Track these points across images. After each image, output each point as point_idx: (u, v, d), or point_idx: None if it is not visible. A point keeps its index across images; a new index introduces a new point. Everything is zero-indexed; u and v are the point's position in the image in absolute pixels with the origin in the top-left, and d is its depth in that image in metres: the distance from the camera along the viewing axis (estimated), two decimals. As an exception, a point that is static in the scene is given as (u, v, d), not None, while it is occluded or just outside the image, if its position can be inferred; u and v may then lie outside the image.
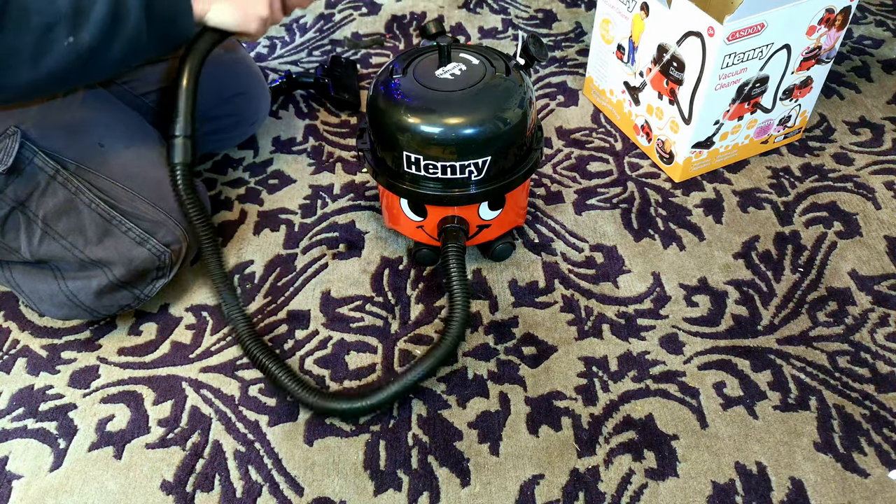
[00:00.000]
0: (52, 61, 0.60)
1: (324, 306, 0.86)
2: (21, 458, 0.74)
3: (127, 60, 0.66)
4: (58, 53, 0.60)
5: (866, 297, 0.85)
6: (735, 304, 0.85)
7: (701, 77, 0.88)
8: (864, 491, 0.68)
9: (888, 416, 0.74)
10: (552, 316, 0.84)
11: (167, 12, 0.66)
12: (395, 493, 0.70)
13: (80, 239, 0.75)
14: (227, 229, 0.96)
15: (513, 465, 0.71)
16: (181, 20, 0.68)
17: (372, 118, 0.79)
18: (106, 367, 0.81)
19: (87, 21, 0.60)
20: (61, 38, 0.59)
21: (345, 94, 1.12)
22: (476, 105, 0.74)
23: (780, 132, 1.02)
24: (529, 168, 0.80)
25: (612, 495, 0.69)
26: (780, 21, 0.85)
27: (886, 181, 0.99)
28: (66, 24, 0.59)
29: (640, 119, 1.02)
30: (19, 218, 0.73)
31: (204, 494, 0.70)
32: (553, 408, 0.76)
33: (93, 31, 0.60)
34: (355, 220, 0.97)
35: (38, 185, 0.72)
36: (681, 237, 0.92)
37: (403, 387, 0.72)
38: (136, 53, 0.66)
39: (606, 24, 1.02)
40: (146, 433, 0.75)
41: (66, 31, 0.59)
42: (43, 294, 0.78)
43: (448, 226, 0.81)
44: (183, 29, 0.68)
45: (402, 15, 1.35)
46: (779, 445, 0.72)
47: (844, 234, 0.92)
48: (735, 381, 0.77)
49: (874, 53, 1.21)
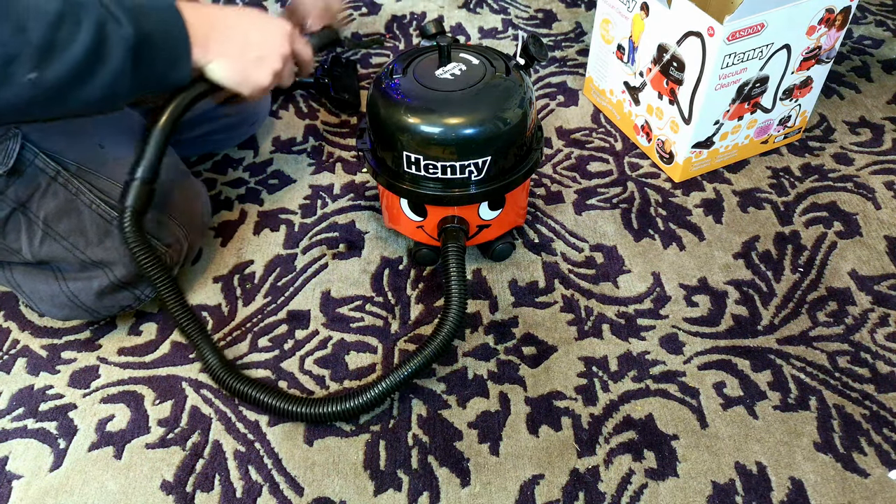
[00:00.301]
0: (9, 94, 0.57)
1: (324, 306, 0.86)
2: (21, 458, 0.74)
3: (103, 103, 0.63)
4: (16, 87, 0.56)
5: (866, 297, 0.85)
6: (735, 304, 0.85)
7: (701, 77, 0.88)
8: (864, 491, 0.68)
9: (888, 416, 0.74)
10: (552, 316, 0.84)
11: (161, 59, 0.63)
12: (395, 493, 0.70)
13: (80, 240, 0.75)
14: (227, 229, 0.96)
15: (513, 465, 0.71)
16: (177, 67, 0.65)
17: (372, 118, 0.79)
18: (106, 367, 0.81)
19: (57, 59, 0.57)
20: (21, 73, 0.56)
21: (345, 95, 1.12)
22: (476, 105, 0.74)
23: (780, 132, 1.02)
24: (529, 168, 0.80)
25: (612, 495, 0.69)
26: (780, 21, 0.85)
27: (886, 181, 0.99)
28: (31, 59, 0.55)
29: (640, 119, 1.02)
30: (20, 219, 0.73)
31: (204, 494, 0.70)
32: (553, 408, 0.76)
33: (60, 71, 0.57)
34: (355, 220, 0.97)
35: (38, 186, 0.72)
36: (681, 237, 0.92)
37: (390, 386, 0.72)
38: (116, 97, 0.63)
39: (606, 24, 1.02)
40: (146, 433, 0.75)
41: (30, 65, 0.56)
42: (44, 295, 0.78)
43: (448, 226, 0.81)
44: (176, 76, 0.66)
45: (402, 15, 1.35)
46: (779, 445, 0.72)
47: (844, 234, 0.92)
48: (735, 381, 0.77)
49: (874, 53, 1.21)
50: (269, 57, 0.72)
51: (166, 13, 0.63)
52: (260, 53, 0.71)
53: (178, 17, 0.64)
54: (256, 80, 0.72)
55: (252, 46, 0.71)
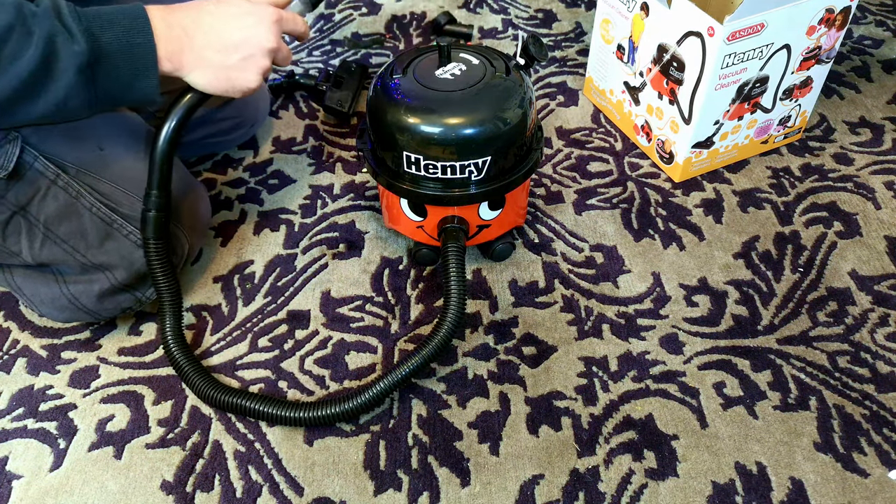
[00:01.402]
0: None
1: (324, 306, 0.86)
2: (21, 458, 0.74)
3: (58, 115, 0.60)
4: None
5: (866, 297, 0.85)
6: (735, 304, 0.85)
7: (701, 77, 0.88)
8: (864, 491, 0.68)
9: (888, 416, 0.74)
10: (552, 316, 0.84)
11: (122, 74, 0.60)
12: (395, 493, 0.70)
13: (81, 243, 0.75)
14: (227, 229, 0.96)
15: (513, 465, 0.71)
16: (140, 80, 0.62)
17: (372, 118, 0.79)
18: (106, 367, 0.81)
19: (2, 74, 0.55)
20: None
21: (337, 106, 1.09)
22: (476, 105, 0.74)
23: (780, 132, 1.02)
24: (529, 168, 0.80)
25: (612, 495, 0.69)
26: (780, 21, 0.85)
27: (886, 181, 0.99)
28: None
29: (640, 119, 1.02)
30: (20, 222, 0.73)
31: (204, 494, 0.70)
32: (553, 408, 0.76)
33: (6, 87, 0.55)
34: (355, 220, 0.97)
35: (38, 189, 0.72)
36: (681, 237, 0.92)
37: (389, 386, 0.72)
38: (73, 111, 0.60)
39: (606, 24, 1.02)
40: (146, 433, 0.75)
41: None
42: (44, 297, 0.78)
43: (448, 226, 0.81)
44: (142, 90, 0.62)
45: (402, 15, 1.35)
46: (779, 445, 0.72)
47: (844, 234, 0.92)
48: (735, 381, 0.77)
49: (874, 53, 1.21)
50: (254, 56, 0.67)
51: (132, 22, 0.60)
52: (243, 54, 0.67)
53: (145, 27, 0.60)
54: (243, 84, 0.68)
55: (233, 49, 0.66)
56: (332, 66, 1.22)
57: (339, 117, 1.11)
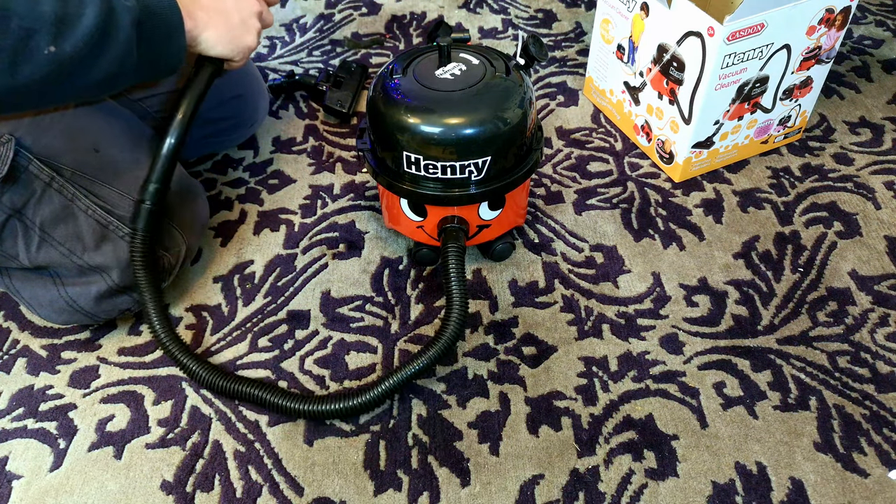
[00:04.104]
0: (31, 69, 0.57)
1: (324, 306, 0.86)
2: (21, 458, 0.74)
3: (113, 80, 0.63)
4: (37, 62, 0.56)
5: (866, 297, 0.85)
6: (735, 304, 0.85)
7: (701, 77, 0.88)
8: (864, 491, 0.68)
9: (888, 416, 0.74)
10: (552, 316, 0.84)
11: (160, 31, 0.64)
12: (395, 493, 0.70)
13: (77, 245, 0.74)
14: (227, 229, 0.96)
15: (513, 465, 0.71)
16: (173, 39, 0.66)
17: (372, 118, 0.79)
18: (106, 367, 0.81)
19: (71, 31, 0.57)
20: (42, 46, 0.56)
21: (337, 106, 1.10)
22: (476, 105, 0.74)
23: (780, 132, 1.02)
24: (529, 168, 0.80)
25: (612, 495, 0.69)
26: (780, 21, 0.85)
27: (886, 181, 0.99)
28: (48, 32, 0.56)
29: (640, 119, 1.02)
30: (16, 225, 0.72)
31: (204, 494, 0.70)
32: (553, 408, 0.76)
33: (77, 43, 0.57)
34: (355, 220, 0.97)
35: (33, 192, 0.71)
36: (681, 237, 0.92)
37: (392, 386, 0.73)
38: (123, 74, 0.64)
39: (606, 24, 1.02)
40: (146, 433, 0.75)
41: (48, 39, 0.56)
42: (42, 300, 0.78)
43: (448, 226, 0.81)
44: (173, 54, 0.67)
45: (402, 15, 1.35)
46: (779, 445, 0.72)
47: (844, 234, 0.92)
48: (735, 381, 0.77)
49: (874, 53, 1.21)
50: (249, 18, 0.75)
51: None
52: (241, 16, 0.74)
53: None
54: (246, 43, 0.75)
55: (232, 12, 0.73)
56: (332, 66, 1.22)
57: (339, 117, 1.11)
